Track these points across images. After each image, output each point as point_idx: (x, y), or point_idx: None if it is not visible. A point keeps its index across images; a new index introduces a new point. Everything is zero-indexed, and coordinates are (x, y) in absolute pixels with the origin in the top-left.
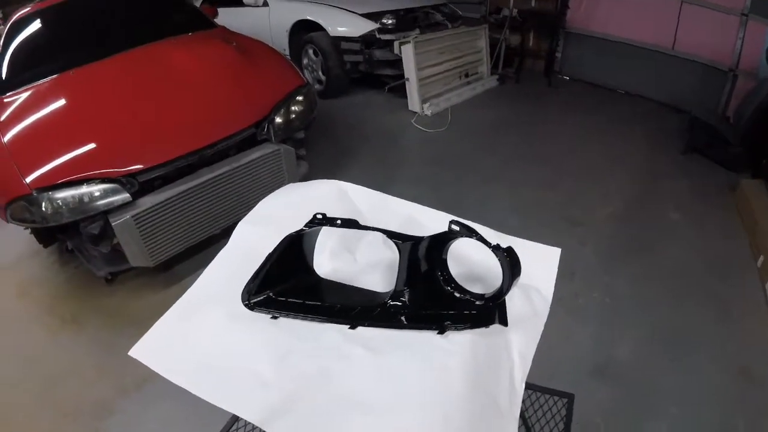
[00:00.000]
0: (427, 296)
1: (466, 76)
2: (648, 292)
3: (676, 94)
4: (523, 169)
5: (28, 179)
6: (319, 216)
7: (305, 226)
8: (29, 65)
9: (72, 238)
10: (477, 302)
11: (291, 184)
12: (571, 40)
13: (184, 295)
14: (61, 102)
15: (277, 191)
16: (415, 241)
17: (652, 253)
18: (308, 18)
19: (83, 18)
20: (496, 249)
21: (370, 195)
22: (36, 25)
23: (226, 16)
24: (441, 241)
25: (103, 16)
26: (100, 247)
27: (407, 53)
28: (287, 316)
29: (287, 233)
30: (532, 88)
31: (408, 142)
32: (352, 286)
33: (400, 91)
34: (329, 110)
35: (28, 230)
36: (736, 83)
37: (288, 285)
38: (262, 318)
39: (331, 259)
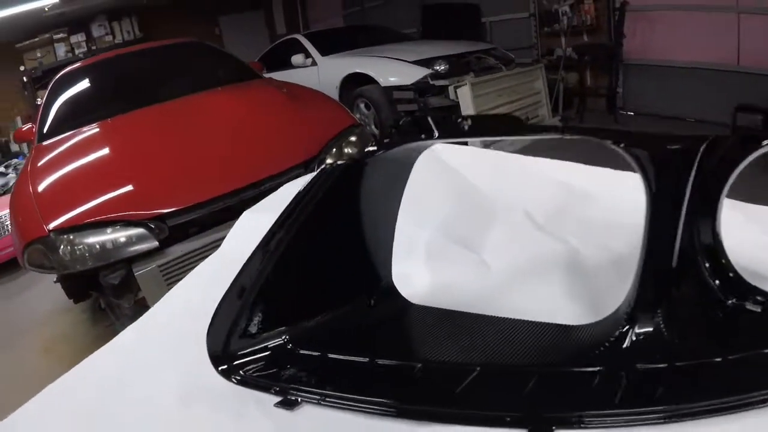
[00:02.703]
0: (710, 322)
1: (527, 120)
2: None
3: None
4: None
5: (47, 221)
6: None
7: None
8: (72, 116)
9: (105, 294)
10: None
11: None
12: (631, 73)
13: (112, 339)
14: (94, 146)
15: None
16: (690, 147)
17: None
18: (358, 71)
19: (126, 73)
20: None
21: (487, 157)
22: (81, 80)
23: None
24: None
25: (147, 71)
26: (122, 301)
27: (464, 96)
28: (326, 402)
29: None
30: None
31: None
32: (495, 318)
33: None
34: None
35: (58, 283)
36: None
37: (326, 315)
38: (254, 404)
39: (428, 260)
